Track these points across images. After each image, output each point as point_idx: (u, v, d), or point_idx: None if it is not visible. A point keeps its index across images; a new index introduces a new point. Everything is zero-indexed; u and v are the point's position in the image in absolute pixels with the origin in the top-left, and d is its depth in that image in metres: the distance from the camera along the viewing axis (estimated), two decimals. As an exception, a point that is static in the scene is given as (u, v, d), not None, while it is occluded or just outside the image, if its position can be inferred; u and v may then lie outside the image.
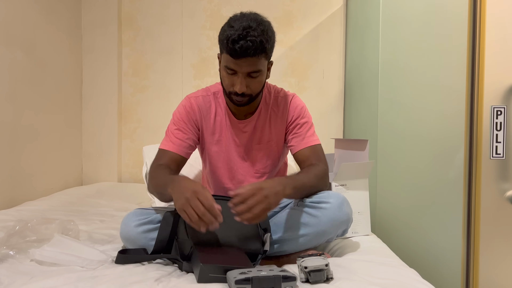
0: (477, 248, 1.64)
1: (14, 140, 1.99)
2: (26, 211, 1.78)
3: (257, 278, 0.92)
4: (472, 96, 1.63)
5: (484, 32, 1.61)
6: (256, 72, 1.23)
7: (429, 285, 1.00)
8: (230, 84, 1.25)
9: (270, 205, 1.07)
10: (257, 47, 1.17)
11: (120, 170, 2.65)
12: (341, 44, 2.54)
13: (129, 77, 2.64)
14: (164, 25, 2.61)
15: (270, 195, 1.07)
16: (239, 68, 1.21)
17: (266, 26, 1.21)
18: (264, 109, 1.40)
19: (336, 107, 2.55)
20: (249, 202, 1.04)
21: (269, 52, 1.24)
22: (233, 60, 1.19)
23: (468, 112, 1.65)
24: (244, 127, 1.39)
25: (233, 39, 1.16)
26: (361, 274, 1.04)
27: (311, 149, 1.35)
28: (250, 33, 1.16)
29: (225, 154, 1.41)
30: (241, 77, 1.22)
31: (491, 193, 1.62)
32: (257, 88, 1.28)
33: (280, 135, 1.41)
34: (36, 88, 2.15)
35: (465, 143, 1.66)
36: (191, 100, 1.40)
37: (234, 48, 1.16)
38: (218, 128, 1.39)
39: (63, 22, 2.41)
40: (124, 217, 1.22)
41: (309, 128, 1.39)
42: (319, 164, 1.31)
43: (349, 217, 1.22)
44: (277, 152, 1.42)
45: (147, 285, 0.96)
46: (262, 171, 1.43)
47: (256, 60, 1.20)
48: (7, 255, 1.14)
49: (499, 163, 1.61)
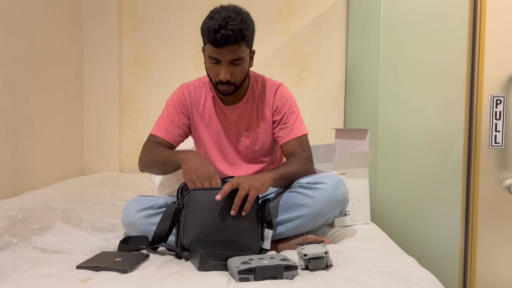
0: (475, 236, 1.65)
1: (15, 131, 1.99)
2: (28, 200, 1.79)
3: (260, 268, 0.93)
4: (472, 85, 1.63)
5: (484, 22, 1.60)
6: (239, 60, 1.28)
7: (427, 273, 1.01)
8: (215, 73, 1.31)
9: (259, 190, 1.14)
10: (237, 35, 1.22)
11: (121, 160, 2.66)
12: (342, 34, 2.53)
13: (130, 67, 2.63)
14: (165, 15, 2.60)
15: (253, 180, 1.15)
16: (222, 56, 1.26)
17: (244, 16, 1.27)
18: (251, 97, 1.45)
19: (337, 97, 2.55)
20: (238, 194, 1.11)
21: (249, 40, 1.30)
22: (216, 49, 1.25)
23: (468, 101, 1.65)
24: (230, 113, 1.44)
25: (214, 29, 1.22)
26: (361, 262, 1.05)
27: (297, 140, 1.41)
28: (230, 22, 1.22)
29: (215, 138, 1.47)
30: (225, 66, 1.28)
31: (490, 182, 1.63)
32: (240, 76, 1.33)
33: (268, 123, 1.45)
34: (37, 79, 2.15)
35: (464, 132, 1.67)
36: (183, 88, 1.48)
37: (215, 37, 1.22)
38: (208, 113, 1.46)
39: (63, 12, 2.40)
40: (126, 204, 1.25)
41: (296, 119, 1.43)
42: (301, 154, 1.37)
43: (345, 197, 1.25)
44: (265, 139, 1.46)
45: (149, 272, 0.97)
46: (251, 156, 1.48)
47: (237, 47, 1.25)
48: (10, 242, 1.16)
49: (498, 152, 1.62)
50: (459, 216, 1.69)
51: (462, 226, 1.68)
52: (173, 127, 1.43)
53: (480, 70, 1.62)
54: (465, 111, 1.66)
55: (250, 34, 1.28)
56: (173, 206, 1.15)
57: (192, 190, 1.15)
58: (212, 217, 1.12)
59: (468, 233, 1.66)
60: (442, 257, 1.73)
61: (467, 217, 1.67)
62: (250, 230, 1.14)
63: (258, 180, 1.16)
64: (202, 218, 1.12)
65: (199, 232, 1.12)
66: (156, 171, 1.40)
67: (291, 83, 2.56)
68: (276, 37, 2.56)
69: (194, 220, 1.13)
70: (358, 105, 2.25)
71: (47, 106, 2.25)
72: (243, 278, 0.92)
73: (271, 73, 1.67)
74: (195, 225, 1.12)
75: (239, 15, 1.25)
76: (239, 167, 1.48)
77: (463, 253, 1.68)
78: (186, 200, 1.14)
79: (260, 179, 1.16)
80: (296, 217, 1.24)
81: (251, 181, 1.14)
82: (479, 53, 1.62)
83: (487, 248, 1.64)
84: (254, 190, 1.13)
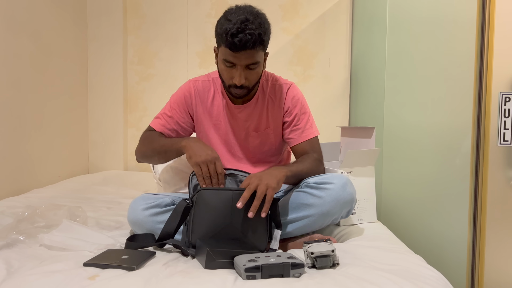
0: (483, 235, 1.64)
1: (21, 129, 2.00)
2: (34, 198, 1.80)
3: (267, 266, 0.92)
4: (480, 83, 1.62)
5: (493, 18, 1.59)
6: (255, 64, 1.26)
7: (435, 271, 1.00)
8: (229, 77, 1.29)
9: (275, 190, 1.13)
10: (256, 40, 1.20)
11: (126, 158, 2.66)
12: (347, 32, 2.51)
13: (135, 65, 2.64)
14: (169, 13, 2.60)
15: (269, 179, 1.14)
16: (238, 60, 1.24)
17: (262, 19, 1.25)
18: (261, 97, 1.43)
19: (342, 95, 2.54)
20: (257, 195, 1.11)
21: (266, 44, 1.28)
22: (232, 53, 1.22)
23: (476, 98, 1.64)
24: (239, 112, 1.42)
25: (232, 33, 1.18)
26: (367, 260, 1.05)
27: (308, 143, 1.40)
28: (248, 26, 1.19)
29: (223, 137, 1.45)
30: (240, 70, 1.25)
31: (499, 180, 1.62)
32: (254, 80, 1.31)
33: (278, 124, 1.43)
34: (42, 77, 2.16)
35: (472, 130, 1.65)
36: (190, 85, 1.46)
37: (233, 41, 1.19)
38: (216, 111, 1.44)
39: (68, 10, 2.40)
40: (132, 202, 1.24)
41: (307, 120, 1.42)
42: (313, 154, 1.37)
43: (353, 197, 1.24)
44: (274, 139, 1.45)
45: (155, 269, 0.97)
46: (259, 157, 1.46)
47: (255, 52, 1.23)
48: (17, 240, 1.16)
49: (507, 150, 1.61)
50: (467, 214, 1.68)
51: (470, 225, 1.67)
52: (171, 124, 1.43)
53: (488, 67, 1.60)
54: (473, 109, 1.65)
55: (268, 38, 1.27)
56: (182, 204, 1.15)
57: (201, 190, 1.15)
58: (220, 217, 1.12)
59: (476, 232, 1.65)
60: (450, 255, 1.72)
61: (475, 215, 1.66)
62: (258, 230, 1.14)
63: (274, 179, 1.14)
64: (211, 218, 1.12)
65: (207, 231, 1.12)
66: (156, 160, 1.41)
67: (296, 81, 2.55)
68: (280, 35, 2.55)
69: (203, 219, 1.13)
70: (363, 103, 2.24)
71: (52, 104, 2.25)
72: (250, 276, 0.92)
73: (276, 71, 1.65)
74: (203, 225, 1.12)
75: (257, 18, 1.22)
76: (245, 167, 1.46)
77: (471, 252, 1.67)
78: (196, 199, 1.15)
79: (275, 177, 1.15)
80: (303, 217, 1.23)
81: (268, 180, 1.13)
82: (488, 50, 1.60)
83: (495, 247, 1.63)
84: (272, 190, 1.12)
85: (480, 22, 1.62)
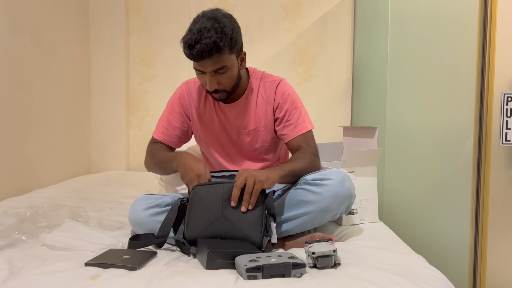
0: (485, 235, 1.63)
1: (23, 129, 2.01)
2: (36, 198, 1.80)
3: (268, 266, 0.92)
4: (482, 82, 1.62)
5: (495, 17, 1.58)
6: (222, 69, 1.26)
7: (437, 272, 1.00)
8: (203, 83, 1.31)
9: (263, 183, 1.14)
10: (211, 48, 1.20)
11: (128, 158, 2.67)
12: (349, 32, 2.51)
13: (137, 66, 2.64)
14: (172, 14, 2.60)
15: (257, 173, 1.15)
16: (204, 68, 1.25)
17: (222, 24, 1.23)
18: (251, 95, 1.43)
19: (344, 95, 2.54)
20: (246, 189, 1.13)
21: (231, 47, 1.26)
22: (196, 62, 1.25)
23: (478, 98, 1.64)
24: (229, 111, 1.43)
25: (189, 44, 1.22)
26: (369, 260, 1.04)
27: (302, 137, 1.39)
28: (204, 35, 1.19)
29: (216, 137, 1.46)
30: (209, 76, 1.27)
31: (501, 180, 1.61)
32: (228, 83, 1.31)
33: (269, 120, 1.43)
34: (44, 77, 2.16)
35: (474, 129, 1.65)
36: (183, 87, 1.49)
37: (191, 53, 1.22)
38: (208, 111, 1.45)
39: (70, 10, 2.41)
40: (133, 202, 1.26)
41: (299, 115, 1.41)
42: (307, 149, 1.36)
43: (352, 192, 1.24)
44: (265, 136, 1.44)
45: (157, 269, 0.98)
46: (252, 154, 1.47)
47: (217, 58, 1.23)
48: (19, 240, 1.17)
49: (509, 150, 1.60)
50: (468, 214, 1.67)
51: (472, 225, 1.67)
52: (170, 129, 1.45)
53: (490, 66, 1.60)
54: (475, 109, 1.65)
55: (229, 42, 1.23)
56: (177, 202, 1.17)
57: (196, 186, 1.17)
58: (212, 209, 1.14)
59: (478, 232, 1.65)
60: (452, 256, 1.72)
61: (477, 215, 1.65)
62: (251, 222, 1.14)
63: (263, 174, 1.16)
64: (203, 211, 1.14)
65: (200, 224, 1.13)
66: (159, 173, 1.48)
67: (298, 81, 2.55)
68: (282, 35, 2.55)
69: (196, 214, 1.14)
70: (365, 103, 2.23)
71: (55, 104, 2.26)
72: (251, 276, 0.92)
73: (278, 71, 1.66)
74: (196, 219, 1.14)
75: (215, 24, 1.21)
76: (242, 164, 1.47)
77: (473, 252, 1.66)
78: (191, 196, 1.16)
79: (265, 173, 1.17)
80: (302, 214, 1.23)
81: (256, 174, 1.14)
82: (490, 49, 1.60)
83: (497, 247, 1.62)
84: (259, 183, 1.13)
85: (482, 21, 1.62)
